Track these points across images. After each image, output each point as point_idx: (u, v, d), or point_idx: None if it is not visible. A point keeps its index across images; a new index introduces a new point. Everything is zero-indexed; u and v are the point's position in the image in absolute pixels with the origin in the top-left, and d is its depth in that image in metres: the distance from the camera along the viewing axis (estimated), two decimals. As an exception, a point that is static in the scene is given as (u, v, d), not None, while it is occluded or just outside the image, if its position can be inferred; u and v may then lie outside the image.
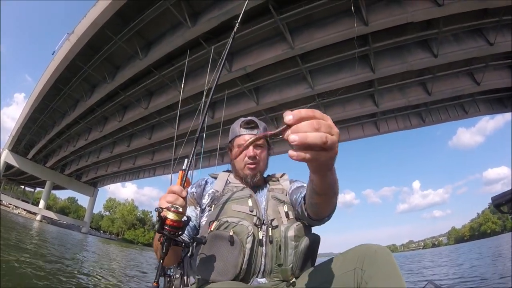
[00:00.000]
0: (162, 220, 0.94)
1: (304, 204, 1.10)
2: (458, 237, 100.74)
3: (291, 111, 0.56)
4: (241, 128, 1.43)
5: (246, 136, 1.40)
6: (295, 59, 12.49)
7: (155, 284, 0.92)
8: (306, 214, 1.10)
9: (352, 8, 9.67)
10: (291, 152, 0.56)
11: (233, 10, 10.27)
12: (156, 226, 0.95)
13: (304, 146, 0.55)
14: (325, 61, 12.73)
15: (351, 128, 18.29)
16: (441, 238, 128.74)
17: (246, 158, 1.37)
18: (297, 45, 11.54)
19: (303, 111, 0.56)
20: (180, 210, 0.96)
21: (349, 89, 14.19)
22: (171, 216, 0.95)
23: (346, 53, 12.32)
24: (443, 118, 16.75)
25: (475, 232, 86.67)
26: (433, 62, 12.20)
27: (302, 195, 1.19)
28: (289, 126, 0.56)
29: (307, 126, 0.55)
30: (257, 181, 1.42)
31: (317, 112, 0.58)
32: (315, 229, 1.29)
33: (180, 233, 0.97)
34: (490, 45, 11.38)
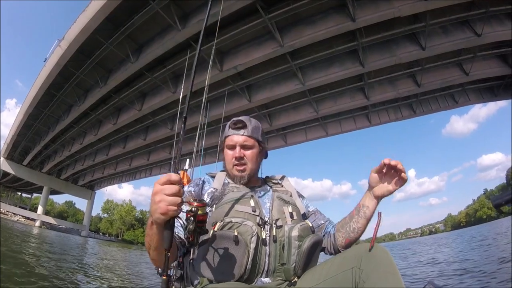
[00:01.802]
0: (196, 218, 0.91)
1: (334, 239, 1.32)
2: (454, 224, 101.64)
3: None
4: (230, 129, 1.41)
5: (234, 137, 1.38)
6: (285, 56, 12.63)
7: (164, 277, 0.92)
8: (338, 247, 1.30)
9: None
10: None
11: (222, 11, 10.35)
12: (192, 226, 0.91)
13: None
14: (315, 57, 12.91)
15: (343, 121, 18.59)
16: (438, 225, 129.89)
17: (234, 159, 1.36)
18: (286, 43, 11.68)
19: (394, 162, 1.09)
20: (206, 201, 0.97)
21: (340, 83, 14.44)
22: (200, 211, 0.92)
23: (336, 49, 12.50)
24: (433, 108, 17.04)
25: (471, 218, 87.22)
26: (421, 54, 12.41)
27: (328, 230, 1.38)
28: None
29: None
30: (252, 182, 1.40)
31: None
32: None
33: (206, 221, 0.95)
34: (477, 36, 11.58)
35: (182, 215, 0.94)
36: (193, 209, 0.91)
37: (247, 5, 10.23)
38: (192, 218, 0.91)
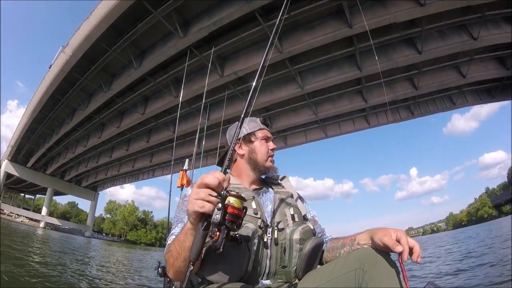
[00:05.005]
0: (224, 208, 0.82)
1: (322, 256, 1.29)
2: (456, 223, 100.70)
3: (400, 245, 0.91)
4: (260, 123, 1.49)
5: (266, 131, 1.47)
6: (284, 61, 12.88)
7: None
8: (323, 263, 1.27)
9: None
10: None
11: (222, 20, 10.68)
12: (216, 216, 0.82)
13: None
14: (314, 62, 13.17)
15: (342, 123, 18.82)
16: (439, 224, 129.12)
17: (270, 151, 1.42)
18: (285, 49, 11.90)
19: (406, 249, 0.90)
20: (243, 194, 0.90)
21: (339, 86, 14.69)
22: (233, 201, 0.83)
23: (333, 54, 12.75)
24: (431, 110, 17.22)
25: (473, 217, 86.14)
26: (418, 58, 12.59)
27: (325, 239, 1.36)
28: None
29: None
30: (254, 183, 1.41)
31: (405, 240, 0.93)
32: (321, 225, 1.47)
33: (240, 224, 0.88)
34: (474, 40, 11.73)
35: None
36: (223, 192, 0.82)
37: (246, 13, 10.48)
38: (219, 205, 0.81)
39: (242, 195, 1.20)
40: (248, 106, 1.03)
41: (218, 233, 0.82)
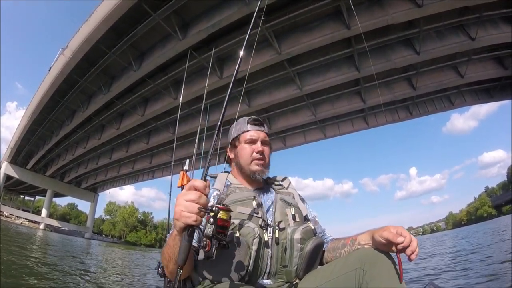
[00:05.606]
0: (216, 221, 0.87)
1: (322, 256, 1.29)
2: (455, 222, 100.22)
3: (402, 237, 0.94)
4: (248, 125, 1.41)
5: (255, 132, 1.40)
6: (283, 63, 12.94)
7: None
8: (324, 263, 1.27)
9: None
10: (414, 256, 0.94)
11: (221, 22, 10.72)
12: (209, 230, 0.88)
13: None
14: (312, 63, 13.22)
15: (341, 124, 18.89)
16: (439, 224, 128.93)
17: (254, 153, 1.35)
18: (283, 51, 11.97)
19: (406, 243, 0.93)
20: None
21: (337, 87, 14.76)
22: (220, 214, 0.88)
23: (332, 55, 12.80)
24: (430, 110, 17.29)
25: (472, 217, 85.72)
26: (416, 59, 12.65)
27: (325, 239, 1.36)
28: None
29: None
30: (255, 183, 1.40)
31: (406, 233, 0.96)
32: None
33: (227, 233, 0.92)
34: (471, 40, 11.79)
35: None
36: (214, 208, 0.87)
37: (245, 16, 10.51)
38: (212, 219, 0.87)
39: (244, 194, 1.26)
40: (224, 114, 1.08)
41: (210, 243, 0.88)
